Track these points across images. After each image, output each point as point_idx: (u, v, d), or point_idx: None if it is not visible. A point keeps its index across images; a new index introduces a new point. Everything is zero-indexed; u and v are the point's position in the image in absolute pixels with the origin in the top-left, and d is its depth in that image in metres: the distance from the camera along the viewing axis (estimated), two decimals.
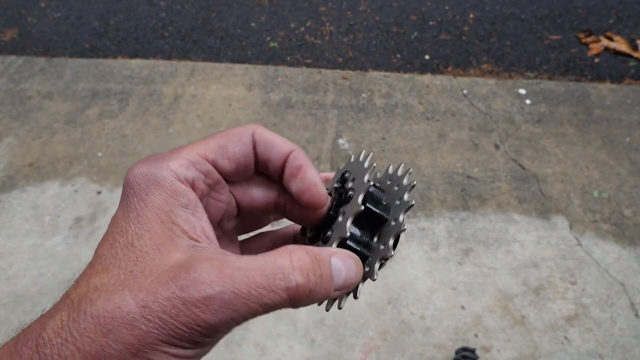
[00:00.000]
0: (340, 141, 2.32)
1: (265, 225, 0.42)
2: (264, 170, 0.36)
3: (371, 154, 0.37)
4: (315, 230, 0.37)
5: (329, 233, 0.35)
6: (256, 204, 0.37)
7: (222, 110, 2.49)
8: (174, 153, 0.32)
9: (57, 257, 1.88)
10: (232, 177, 0.35)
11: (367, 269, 0.35)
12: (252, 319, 0.28)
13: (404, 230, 0.34)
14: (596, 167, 2.18)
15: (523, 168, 2.18)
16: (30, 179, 2.17)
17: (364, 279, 0.35)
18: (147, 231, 0.29)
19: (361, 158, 0.37)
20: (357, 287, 0.37)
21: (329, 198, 0.36)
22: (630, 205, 2.03)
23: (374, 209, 0.35)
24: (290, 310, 1.75)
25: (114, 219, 0.31)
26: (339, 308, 0.36)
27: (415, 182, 0.38)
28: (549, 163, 2.20)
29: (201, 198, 0.33)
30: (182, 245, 0.30)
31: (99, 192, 2.11)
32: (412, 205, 0.36)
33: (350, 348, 1.62)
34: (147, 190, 0.30)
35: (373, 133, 2.36)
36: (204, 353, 0.29)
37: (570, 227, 1.95)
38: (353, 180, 0.37)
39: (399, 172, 0.38)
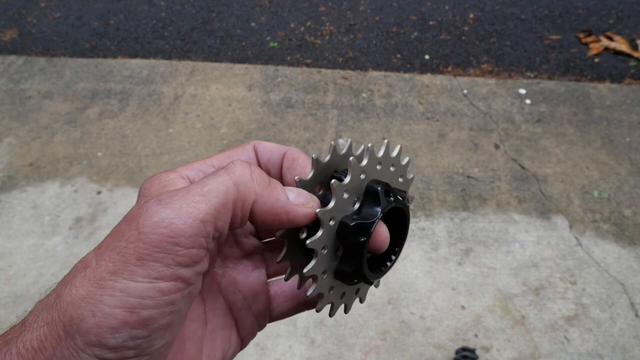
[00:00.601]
0: (341, 141, 2.32)
1: None
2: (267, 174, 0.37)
3: (349, 140, 0.36)
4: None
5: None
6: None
7: (222, 110, 2.49)
8: (187, 163, 0.35)
9: (57, 257, 1.88)
10: None
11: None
12: (211, 220, 0.28)
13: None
14: (596, 167, 2.18)
15: (523, 168, 2.18)
16: (30, 179, 2.17)
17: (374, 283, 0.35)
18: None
19: (344, 151, 0.36)
20: (363, 291, 0.37)
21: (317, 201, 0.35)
22: (630, 205, 2.03)
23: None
24: None
25: None
26: (330, 316, 0.36)
27: (409, 159, 0.38)
28: (549, 163, 2.20)
29: None
30: None
31: (99, 192, 2.11)
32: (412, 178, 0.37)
33: (350, 348, 1.62)
34: (149, 187, 0.32)
35: (373, 133, 2.36)
36: (176, 289, 0.27)
37: (570, 227, 1.95)
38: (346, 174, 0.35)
39: (392, 154, 0.37)
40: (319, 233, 0.32)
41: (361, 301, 0.40)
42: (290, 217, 0.31)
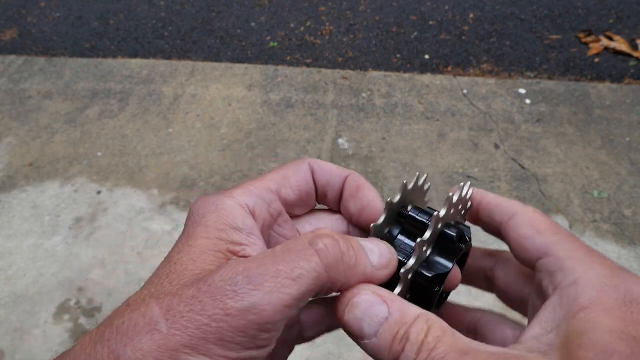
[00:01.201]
0: (340, 141, 2.32)
1: None
2: (323, 200, 0.36)
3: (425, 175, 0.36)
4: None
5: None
6: None
7: (222, 110, 2.49)
8: (239, 185, 0.32)
9: (57, 257, 1.88)
10: (295, 209, 0.35)
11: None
12: (296, 305, 0.26)
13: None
14: (596, 167, 2.18)
15: (523, 168, 2.18)
16: (30, 179, 2.17)
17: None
18: (190, 246, 0.28)
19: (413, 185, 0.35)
20: None
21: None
22: (630, 205, 2.03)
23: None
24: None
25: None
26: None
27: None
28: (549, 163, 2.20)
29: (263, 230, 0.32)
30: (220, 257, 0.28)
31: (99, 192, 2.11)
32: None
33: (350, 348, 1.62)
34: (204, 214, 0.30)
35: (373, 133, 2.36)
36: None
37: (570, 227, 1.96)
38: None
39: (466, 195, 0.36)
40: (398, 290, 0.30)
41: None
42: (371, 281, 0.29)
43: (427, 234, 0.31)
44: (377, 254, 0.30)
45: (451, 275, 0.32)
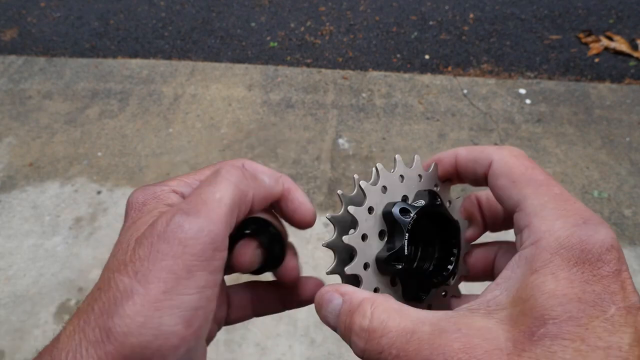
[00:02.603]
0: (340, 141, 2.32)
1: None
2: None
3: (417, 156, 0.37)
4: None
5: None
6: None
7: (222, 110, 2.49)
8: (173, 178, 0.35)
9: (57, 257, 1.88)
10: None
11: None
12: (230, 220, 0.30)
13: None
14: (596, 167, 2.18)
15: None
16: (30, 179, 2.17)
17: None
18: (135, 228, 0.30)
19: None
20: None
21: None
22: (630, 205, 2.03)
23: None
24: (290, 311, 1.75)
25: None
26: None
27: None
28: (549, 163, 2.20)
29: None
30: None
31: (99, 192, 2.11)
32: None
33: (350, 348, 1.62)
34: (144, 202, 0.32)
35: (373, 133, 2.36)
36: (214, 281, 0.28)
37: None
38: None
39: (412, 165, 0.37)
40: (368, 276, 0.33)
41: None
42: (274, 194, 0.34)
43: (338, 213, 0.34)
44: (268, 175, 0.34)
45: (288, 261, 0.36)
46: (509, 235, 0.34)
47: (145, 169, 2.21)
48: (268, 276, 0.38)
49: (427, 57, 2.83)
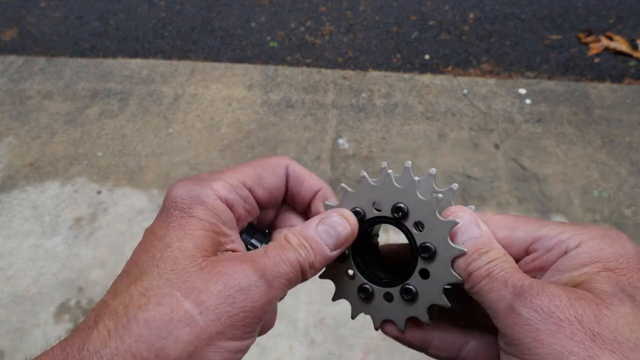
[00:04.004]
0: (340, 141, 2.32)
1: None
2: (290, 202, 0.40)
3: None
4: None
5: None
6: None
7: (222, 110, 2.49)
8: (215, 175, 0.35)
9: (57, 257, 1.88)
10: (264, 205, 0.38)
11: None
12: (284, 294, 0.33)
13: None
14: (596, 167, 2.18)
15: (523, 168, 2.18)
16: (30, 179, 2.17)
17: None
18: (189, 234, 0.31)
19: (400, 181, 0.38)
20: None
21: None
22: (630, 205, 2.03)
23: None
24: (290, 310, 1.75)
25: (150, 230, 0.33)
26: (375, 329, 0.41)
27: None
28: (549, 163, 2.20)
29: (238, 222, 0.36)
30: (219, 253, 0.33)
31: (99, 192, 2.11)
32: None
33: (350, 348, 1.62)
34: (190, 205, 0.33)
35: (373, 133, 2.36)
36: (250, 345, 0.32)
37: None
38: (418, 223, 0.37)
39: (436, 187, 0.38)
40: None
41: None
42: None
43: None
44: (334, 238, 0.36)
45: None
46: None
47: (145, 169, 2.21)
48: None
49: (427, 57, 2.83)
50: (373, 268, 0.40)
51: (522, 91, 2.57)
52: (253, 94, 2.58)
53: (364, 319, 0.42)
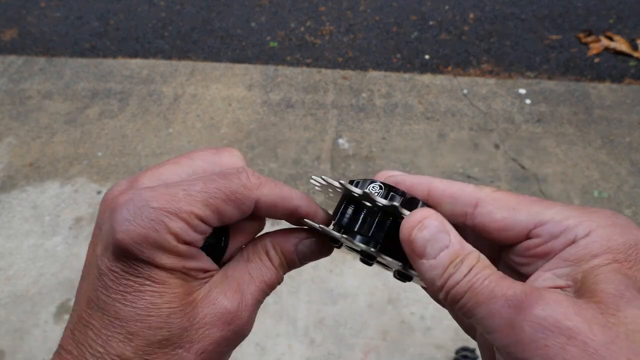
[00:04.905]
0: (340, 141, 2.32)
1: None
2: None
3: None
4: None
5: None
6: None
7: (222, 110, 2.49)
8: (168, 205, 0.29)
9: (57, 257, 1.88)
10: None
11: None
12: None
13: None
14: (596, 167, 2.18)
15: (523, 168, 2.18)
16: (30, 179, 2.17)
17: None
18: (168, 288, 0.30)
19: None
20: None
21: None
22: (630, 205, 2.03)
23: None
24: (290, 310, 1.75)
25: (114, 276, 0.30)
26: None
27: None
28: (549, 163, 2.20)
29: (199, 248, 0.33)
30: (198, 286, 0.32)
31: (99, 192, 2.11)
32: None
33: (350, 348, 1.62)
34: (152, 255, 0.29)
35: (373, 133, 2.36)
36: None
37: None
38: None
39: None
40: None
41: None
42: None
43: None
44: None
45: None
46: None
47: (145, 169, 2.21)
48: None
49: (427, 57, 2.83)
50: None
51: (522, 91, 2.57)
52: (253, 94, 2.58)
53: (365, 319, 0.41)
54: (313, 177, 0.38)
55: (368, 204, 0.34)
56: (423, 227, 0.30)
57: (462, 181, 0.35)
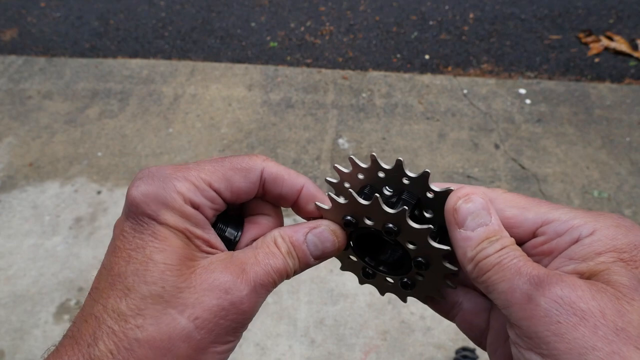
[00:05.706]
0: (340, 141, 2.32)
1: None
2: (271, 200, 0.38)
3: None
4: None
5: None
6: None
7: (222, 110, 2.49)
8: (179, 172, 0.33)
9: (57, 257, 1.88)
10: (233, 204, 0.37)
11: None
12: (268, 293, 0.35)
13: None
14: (596, 167, 2.18)
15: (523, 168, 2.18)
16: (30, 179, 2.17)
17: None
18: (168, 246, 0.31)
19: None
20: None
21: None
22: (630, 205, 2.03)
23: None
24: (290, 310, 1.76)
25: (121, 234, 0.32)
26: (404, 301, 0.42)
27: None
28: (549, 163, 2.20)
29: (207, 219, 0.35)
30: (200, 257, 0.33)
31: (99, 192, 2.11)
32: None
33: (350, 348, 1.62)
34: (157, 211, 0.32)
35: (373, 133, 2.36)
36: (237, 342, 0.34)
37: None
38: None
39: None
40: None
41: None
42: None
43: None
44: (320, 250, 0.37)
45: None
46: None
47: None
48: None
49: (427, 57, 2.83)
50: (372, 260, 0.41)
51: (522, 91, 2.57)
52: (253, 94, 2.58)
53: (365, 319, 0.42)
54: (336, 165, 0.41)
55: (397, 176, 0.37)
56: (469, 200, 0.33)
57: (461, 181, 0.36)
